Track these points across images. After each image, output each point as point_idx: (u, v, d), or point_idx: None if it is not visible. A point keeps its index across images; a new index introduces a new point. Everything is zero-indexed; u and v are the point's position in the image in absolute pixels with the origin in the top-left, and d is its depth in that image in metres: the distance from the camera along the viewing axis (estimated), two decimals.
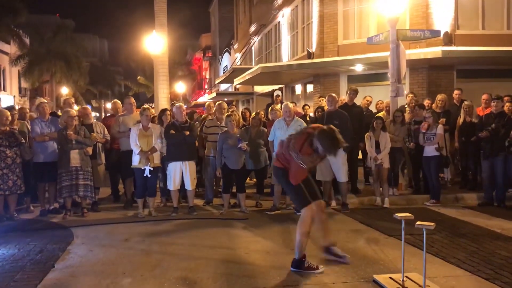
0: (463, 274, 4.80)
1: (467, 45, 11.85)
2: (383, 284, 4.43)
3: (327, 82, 14.25)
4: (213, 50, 40.96)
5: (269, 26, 21.45)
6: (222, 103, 8.99)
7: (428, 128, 8.25)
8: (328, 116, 8.01)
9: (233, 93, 27.85)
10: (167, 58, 13.79)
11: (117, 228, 6.93)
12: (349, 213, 7.73)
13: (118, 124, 8.41)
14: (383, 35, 10.06)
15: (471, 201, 8.55)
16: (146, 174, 7.49)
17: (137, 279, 4.73)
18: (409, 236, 5.86)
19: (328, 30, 14.44)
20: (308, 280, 4.65)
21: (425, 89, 12.47)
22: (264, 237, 6.31)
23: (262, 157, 8.28)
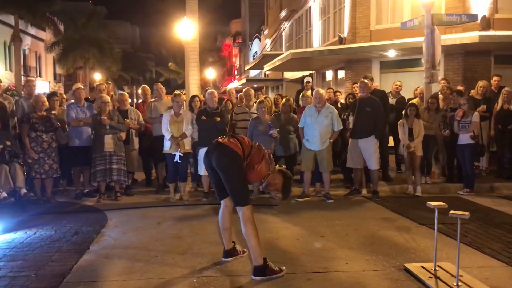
0: (498, 265, 4.70)
1: (506, 29, 11.42)
2: (414, 273, 4.38)
3: (359, 68, 14.03)
4: (243, 36, 40.84)
5: (300, 11, 21.21)
6: (248, 89, 8.97)
7: (463, 116, 8.04)
8: (360, 103, 7.89)
9: (263, 79, 27.78)
10: (198, 44, 13.80)
11: (149, 212, 7.07)
12: (380, 201, 7.64)
13: (149, 110, 8.52)
14: (418, 19, 9.80)
15: (507, 190, 8.33)
16: (176, 159, 7.59)
17: (169, 262, 4.82)
18: (442, 225, 5.75)
19: (360, 15, 14.19)
20: (338, 267, 4.64)
21: (460, 76, 12.14)
22: (294, 224, 6.32)
23: (292, 143, 8.26)
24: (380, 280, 4.31)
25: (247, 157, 4.36)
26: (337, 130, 7.81)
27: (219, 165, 4.34)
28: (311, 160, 7.76)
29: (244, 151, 4.37)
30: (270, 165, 4.47)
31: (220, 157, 4.34)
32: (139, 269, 4.63)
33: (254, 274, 4.34)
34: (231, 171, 4.32)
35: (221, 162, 4.33)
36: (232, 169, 4.31)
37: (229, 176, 4.33)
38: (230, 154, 4.30)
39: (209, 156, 4.46)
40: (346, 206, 7.41)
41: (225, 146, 4.33)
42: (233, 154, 4.30)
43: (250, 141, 4.55)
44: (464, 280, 4.15)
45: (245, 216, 4.36)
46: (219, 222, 4.82)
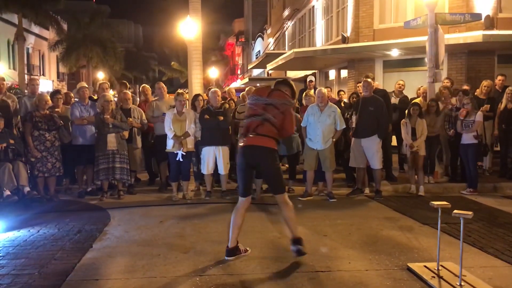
0: (502, 265, 4.68)
1: (510, 29, 11.37)
2: (417, 273, 4.37)
3: (362, 67, 14.00)
4: (246, 35, 40.84)
5: (303, 10, 21.19)
6: (251, 88, 8.97)
7: (466, 115, 8.01)
8: (363, 102, 7.88)
9: (266, 78, 27.73)
10: (201, 43, 13.80)
11: (152, 210, 7.07)
12: (383, 201, 7.63)
13: (151, 109, 8.53)
14: (421, 19, 9.77)
15: (510, 190, 8.31)
16: (178, 158, 7.59)
17: (171, 261, 4.82)
18: (445, 225, 5.74)
19: (363, 14, 14.17)
20: (341, 266, 4.64)
21: (463, 75, 12.10)
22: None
23: (295, 143, 8.25)
24: (383, 280, 4.30)
25: (281, 126, 4.79)
26: (340, 129, 7.80)
27: (263, 164, 4.82)
28: (313, 159, 7.75)
29: (278, 129, 4.77)
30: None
31: (259, 156, 4.76)
32: (141, 267, 4.63)
33: (293, 244, 4.83)
34: (273, 166, 4.80)
35: (263, 161, 4.78)
36: (274, 164, 4.80)
37: (272, 170, 4.81)
38: (271, 151, 4.75)
39: (247, 156, 4.80)
40: (349, 205, 7.40)
41: (261, 146, 4.72)
42: (271, 151, 4.76)
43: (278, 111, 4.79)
44: (467, 280, 4.14)
45: (285, 199, 4.87)
46: (232, 219, 4.92)
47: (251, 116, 4.84)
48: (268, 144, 4.72)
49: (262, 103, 4.80)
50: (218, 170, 7.86)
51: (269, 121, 4.72)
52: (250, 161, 4.80)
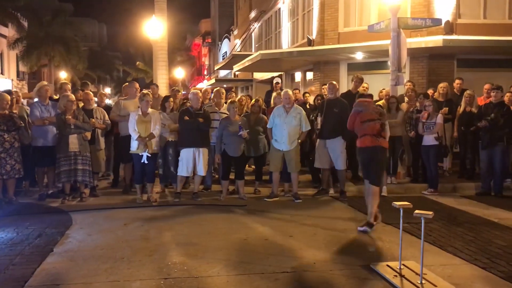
0: (460, 262, 4.84)
1: (468, 34, 11.75)
2: (380, 272, 4.46)
3: (327, 69, 14.16)
4: (212, 36, 40.69)
5: (270, 12, 21.28)
6: (220, 89, 8.95)
7: (428, 117, 8.23)
8: (328, 104, 7.98)
9: (233, 79, 27.74)
10: (166, 43, 13.70)
11: (116, 213, 6.95)
12: (347, 201, 7.75)
13: (119, 108, 8.38)
14: (384, 23, 9.98)
15: (468, 190, 8.58)
16: (143, 160, 7.48)
17: (135, 264, 4.75)
18: (407, 225, 5.88)
19: (328, 17, 14.32)
20: (306, 267, 4.68)
21: (425, 78, 12.41)
22: (263, 224, 6.34)
23: (261, 144, 8.28)
24: (347, 279, 4.37)
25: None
26: (305, 131, 7.88)
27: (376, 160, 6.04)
28: (279, 161, 7.79)
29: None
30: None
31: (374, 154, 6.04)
32: (104, 271, 4.54)
33: (360, 225, 6.01)
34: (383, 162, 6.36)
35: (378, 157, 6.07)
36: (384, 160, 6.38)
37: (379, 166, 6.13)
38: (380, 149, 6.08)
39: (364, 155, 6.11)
40: (314, 206, 7.47)
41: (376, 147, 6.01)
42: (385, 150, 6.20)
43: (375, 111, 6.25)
44: (428, 278, 4.25)
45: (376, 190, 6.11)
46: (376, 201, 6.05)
47: (370, 120, 6.07)
48: (386, 145, 6.17)
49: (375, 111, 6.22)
50: (197, 171, 7.79)
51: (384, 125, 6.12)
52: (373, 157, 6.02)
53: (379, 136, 6.06)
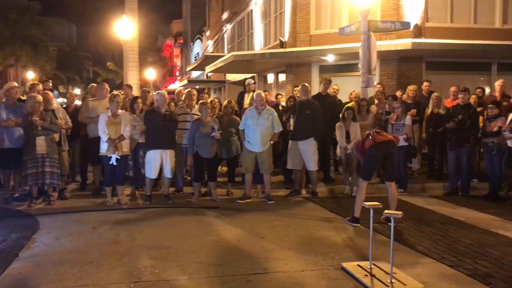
0: (429, 261, 4.93)
1: (436, 37, 12.03)
2: (351, 272, 4.50)
3: (299, 71, 14.26)
4: (184, 37, 40.41)
5: (242, 14, 21.30)
6: (191, 90, 8.89)
7: (397, 119, 8.37)
8: (300, 106, 8.03)
9: (205, 80, 27.62)
10: (137, 43, 13.57)
11: (85, 216, 6.81)
12: (319, 202, 7.80)
13: (87, 109, 8.21)
14: (355, 26, 10.11)
15: (437, 190, 8.77)
16: (112, 162, 7.36)
17: (105, 267, 4.66)
18: (377, 225, 5.97)
19: (300, 20, 14.42)
20: (278, 268, 4.69)
21: (394, 80, 12.63)
22: (235, 226, 6.32)
23: (234, 145, 8.27)
24: (319, 280, 4.39)
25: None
26: (277, 132, 7.91)
27: (393, 154, 6.36)
28: (252, 162, 7.79)
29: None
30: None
31: (393, 148, 6.36)
32: (73, 275, 4.44)
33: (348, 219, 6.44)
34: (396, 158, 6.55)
35: (394, 151, 6.39)
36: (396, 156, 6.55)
37: (395, 161, 6.50)
38: (395, 145, 6.45)
39: (382, 148, 6.23)
40: (286, 207, 7.50)
41: (393, 141, 6.38)
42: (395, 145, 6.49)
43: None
44: (397, 277, 4.32)
45: (395, 186, 6.58)
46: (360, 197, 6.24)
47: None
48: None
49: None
50: (164, 173, 7.70)
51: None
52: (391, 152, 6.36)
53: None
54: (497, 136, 7.92)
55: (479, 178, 8.92)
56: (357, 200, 6.29)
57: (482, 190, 8.52)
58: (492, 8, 13.26)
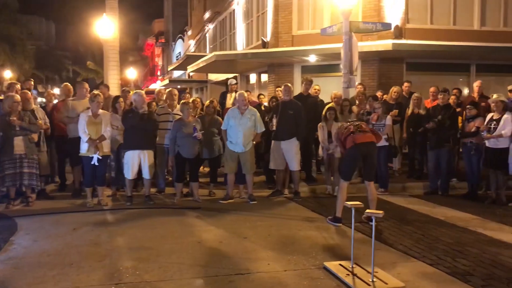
0: (409, 260, 4.98)
1: (416, 38, 12.17)
2: (333, 271, 4.52)
3: (282, 72, 14.29)
4: (166, 36, 40.17)
5: (224, 13, 21.25)
6: (172, 90, 8.83)
7: (377, 119, 8.44)
8: (282, 106, 8.04)
9: (187, 80, 27.49)
10: (118, 43, 13.42)
11: (65, 217, 6.70)
12: (301, 202, 7.83)
13: (67, 109, 8.09)
14: (337, 26, 10.17)
15: (417, 190, 8.87)
16: (93, 162, 7.26)
17: (85, 269, 4.59)
18: (359, 224, 6.01)
19: (282, 20, 14.45)
20: (260, 268, 4.68)
21: (375, 81, 12.74)
22: (217, 226, 6.29)
23: (216, 146, 8.24)
24: (301, 279, 4.40)
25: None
26: (260, 132, 7.90)
27: (372, 155, 6.40)
28: (234, 162, 7.77)
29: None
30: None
31: (373, 149, 6.42)
32: (52, 278, 4.37)
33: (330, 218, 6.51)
34: (375, 158, 6.62)
35: (374, 152, 6.43)
36: (375, 156, 6.61)
37: (375, 161, 6.59)
38: (375, 145, 6.51)
39: (362, 149, 6.26)
40: (269, 207, 7.50)
41: (373, 142, 6.42)
42: (375, 145, 6.54)
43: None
44: (379, 276, 4.35)
45: (373, 186, 6.57)
46: (342, 196, 6.28)
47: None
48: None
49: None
50: (143, 174, 7.63)
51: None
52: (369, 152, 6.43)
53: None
54: (475, 136, 8.05)
55: (458, 178, 9.06)
56: (339, 200, 6.33)
57: (461, 189, 8.65)
58: (470, 10, 13.49)
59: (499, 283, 4.30)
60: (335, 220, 6.33)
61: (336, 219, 6.32)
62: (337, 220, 6.31)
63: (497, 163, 7.76)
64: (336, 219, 6.32)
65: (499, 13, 13.64)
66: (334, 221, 6.33)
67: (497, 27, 13.58)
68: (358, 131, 6.35)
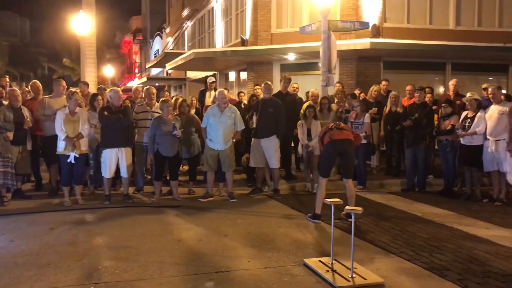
0: (387, 256, 5.05)
1: (393, 37, 12.34)
2: (313, 268, 4.56)
3: (261, 70, 14.32)
4: (143, 34, 39.77)
5: (203, 11, 21.16)
6: (150, 88, 8.75)
7: (356, 117, 8.52)
8: (263, 104, 8.06)
9: (165, 78, 27.30)
10: (95, 40, 13.25)
11: (41, 217, 6.59)
12: (281, 199, 7.86)
13: (43, 107, 7.94)
14: (315, 25, 10.23)
15: (395, 187, 9.00)
16: (70, 160, 7.15)
17: (63, 269, 4.53)
18: (338, 221, 6.07)
19: (261, 18, 14.47)
20: (241, 266, 4.69)
21: (353, 79, 12.88)
22: (197, 224, 6.27)
23: (194, 145, 8.19)
24: (281, 276, 4.42)
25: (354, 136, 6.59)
26: (240, 130, 7.90)
27: (348, 152, 6.43)
28: (214, 160, 7.75)
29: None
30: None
31: (349, 146, 6.42)
32: (29, 278, 4.29)
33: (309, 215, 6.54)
34: (353, 155, 6.60)
35: (349, 150, 6.44)
36: (353, 154, 6.61)
37: (352, 159, 6.55)
38: (352, 142, 6.50)
39: (337, 145, 6.35)
40: (249, 204, 7.51)
41: (349, 139, 6.43)
42: (353, 142, 6.52)
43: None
44: (358, 272, 4.40)
45: (352, 183, 6.62)
46: (320, 193, 6.33)
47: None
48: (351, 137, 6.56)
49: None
50: (121, 172, 7.55)
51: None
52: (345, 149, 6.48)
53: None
54: (450, 134, 8.21)
55: (434, 175, 9.23)
56: (318, 197, 6.39)
57: (437, 186, 8.81)
58: (446, 10, 13.75)
59: (474, 277, 4.40)
60: (314, 217, 6.38)
61: (316, 216, 6.37)
62: (317, 217, 6.36)
63: (471, 160, 7.93)
64: (315, 216, 6.37)
65: (474, 13, 13.94)
66: (314, 218, 6.38)
67: (472, 26, 13.87)
68: (336, 128, 6.47)
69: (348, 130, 6.59)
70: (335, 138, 6.36)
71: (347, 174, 6.56)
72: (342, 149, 6.38)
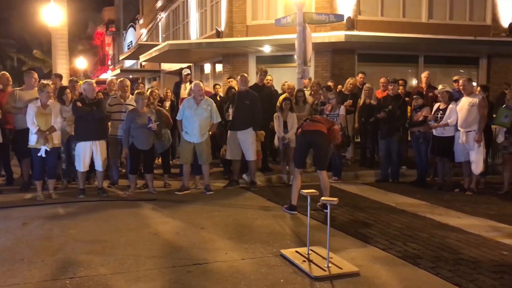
0: (363, 245, 5.14)
1: (367, 30, 12.48)
2: (289, 258, 4.61)
3: (236, 62, 14.28)
4: (116, 25, 39.06)
5: (177, 2, 20.93)
6: (124, 80, 8.62)
7: (331, 109, 8.60)
8: (239, 96, 8.05)
9: (139, 70, 26.93)
10: (67, 31, 12.94)
11: (13, 212, 6.46)
12: (257, 191, 7.89)
13: (14, 99, 7.74)
14: (291, 17, 10.24)
15: (369, 177, 9.14)
16: (41, 154, 7.01)
17: (37, 264, 4.46)
18: (314, 212, 6.13)
19: (237, 10, 14.40)
20: (218, 257, 4.70)
21: (328, 72, 12.98)
22: (173, 218, 6.25)
23: (165, 138, 8.14)
24: (259, 267, 4.45)
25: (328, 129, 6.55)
26: (216, 123, 7.88)
27: (318, 143, 6.40)
28: (190, 153, 7.72)
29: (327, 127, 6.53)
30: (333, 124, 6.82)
31: (318, 137, 6.38)
32: (2, 274, 4.21)
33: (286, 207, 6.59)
34: (325, 147, 6.51)
35: (319, 141, 6.39)
36: (325, 145, 6.50)
37: (323, 150, 6.48)
38: (324, 134, 6.42)
39: (307, 136, 6.42)
40: (225, 197, 7.52)
41: (319, 131, 6.39)
42: (325, 134, 6.44)
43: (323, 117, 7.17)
44: (333, 261, 4.47)
45: (325, 174, 6.57)
46: (296, 184, 6.42)
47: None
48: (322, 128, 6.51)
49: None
50: (95, 166, 7.44)
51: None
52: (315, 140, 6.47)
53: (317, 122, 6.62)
54: (423, 125, 8.36)
55: (407, 165, 9.40)
56: (293, 188, 6.44)
57: (411, 176, 8.98)
58: (419, 3, 13.96)
59: (446, 264, 4.52)
60: (290, 208, 6.44)
61: (292, 207, 6.42)
62: (293, 208, 6.42)
63: (443, 151, 8.10)
64: (291, 207, 6.43)
65: (446, 7, 14.20)
66: (290, 209, 6.43)
67: (444, 19, 14.14)
68: (309, 120, 6.61)
69: (322, 123, 6.63)
70: (305, 129, 6.48)
71: (320, 166, 6.60)
72: (311, 140, 6.45)
